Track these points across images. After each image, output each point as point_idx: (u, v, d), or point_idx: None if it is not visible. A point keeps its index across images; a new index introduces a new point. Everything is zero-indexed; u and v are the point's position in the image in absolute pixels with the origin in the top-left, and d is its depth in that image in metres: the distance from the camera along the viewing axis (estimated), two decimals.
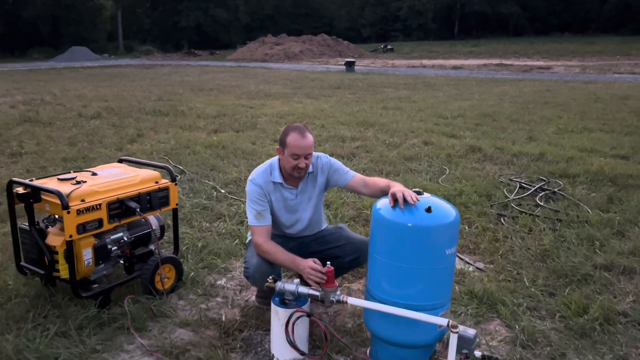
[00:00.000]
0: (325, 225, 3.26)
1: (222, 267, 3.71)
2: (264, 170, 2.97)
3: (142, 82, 18.99)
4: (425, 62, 32.21)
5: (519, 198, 5.46)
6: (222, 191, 5.56)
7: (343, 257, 3.02)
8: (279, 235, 3.09)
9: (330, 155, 3.12)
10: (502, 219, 4.84)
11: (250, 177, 2.97)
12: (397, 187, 2.55)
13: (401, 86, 18.00)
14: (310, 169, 2.98)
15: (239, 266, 3.77)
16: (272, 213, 2.98)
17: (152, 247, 3.37)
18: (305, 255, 3.03)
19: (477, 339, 2.59)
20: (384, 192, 2.72)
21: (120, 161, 3.64)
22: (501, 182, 6.06)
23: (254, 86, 17.82)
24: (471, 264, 3.88)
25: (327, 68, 27.90)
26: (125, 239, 3.16)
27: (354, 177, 2.98)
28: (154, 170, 3.45)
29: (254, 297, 3.31)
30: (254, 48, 40.81)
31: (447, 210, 2.50)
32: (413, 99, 14.28)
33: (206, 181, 5.94)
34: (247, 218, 3.00)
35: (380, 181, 2.84)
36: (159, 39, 56.14)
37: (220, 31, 59.57)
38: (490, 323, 3.08)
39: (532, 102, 13.41)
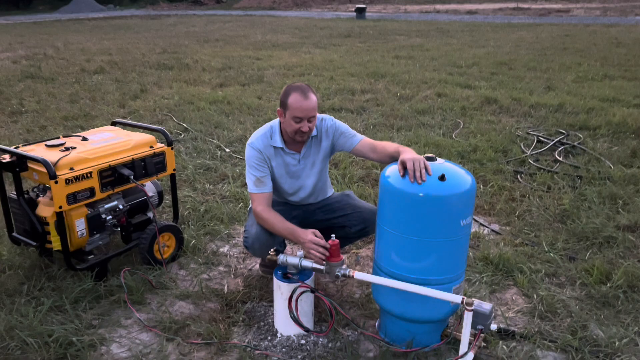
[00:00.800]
0: (331, 192, 3.08)
1: (225, 233, 3.56)
2: (264, 134, 2.76)
3: (147, 34, 18.55)
4: (439, 7, 31.15)
5: (536, 153, 5.21)
6: (227, 150, 5.37)
7: (349, 227, 2.85)
8: (282, 202, 2.92)
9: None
10: (519, 177, 4.62)
11: (249, 141, 2.76)
12: (408, 154, 2.33)
13: (414, 33, 17.42)
14: (314, 132, 2.77)
15: (243, 232, 3.62)
16: (273, 179, 2.80)
17: (150, 214, 3.21)
18: (309, 224, 2.88)
19: (493, 313, 2.44)
20: (393, 158, 2.51)
21: (114, 124, 3.44)
22: (518, 135, 5.80)
23: (261, 36, 17.34)
24: (486, 227, 3.70)
25: (337, 15, 27.11)
26: (121, 207, 3.00)
27: (361, 141, 2.75)
28: (149, 133, 3.26)
29: (257, 266, 3.18)
30: None
31: (462, 177, 2.29)
32: (426, 47, 13.82)
33: (210, 139, 5.75)
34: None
35: (389, 146, 2.62)
36: None
37: None
38: (507, 292, 2.92)
39: (550, 49, 12.87)
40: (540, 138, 5.66)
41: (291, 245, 3.41)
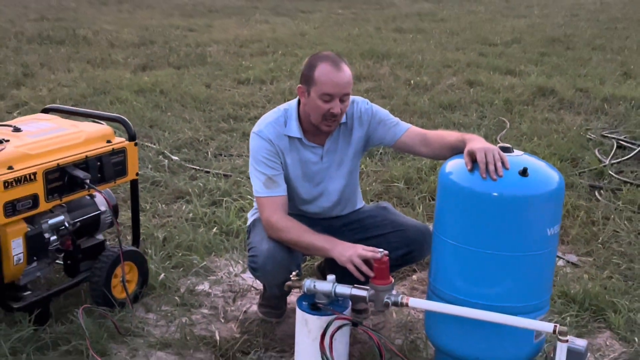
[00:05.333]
0: (362, 203, 3.52)
1: (200, 267, 3.97)
2: (276, 120, 3.22)
3: None
4: None
5: (618, 162, 5.82)
6: (175, 158, 5.79)
7: (390, 251, 3.04)
8: (294, 214, 3.32)
9: None
10: (597, 193, 5.19)
11: (255, 129, 3.23)
12: (476, 143, 2.78)
13: None
14: (344, 119, 3.23)
15: (225, 264, 4.05)
16: (286, 182, 3.24)
17: (101, 236, 3.59)
18: None
19: (589, 354, 2.90)
20: (455, 151, 2.98)
21: (46, 111, 3.81)
22: (590, 139, 6.45)
23: None
24: (560, 257, 4.21)
25: None
26: (67, 224, 3.36)
27: (408, 130, 3.22)
28: (101, 123, 3.64)
29: (255, 307, 3.59)
30: None
31: (547, 173, 2.79)
32: (440, 17, 14.68)
33: (147, 144, 6.15)
34: (250, 190, 3.22)
35: (448, 135, 3.09)
36: None
37: None
38: (598, 335, 3.42)
39: (622, 20, 13.80)
40: (621, 142, 6.29)
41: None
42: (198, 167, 5.63)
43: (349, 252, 2.93)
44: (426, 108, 7.42)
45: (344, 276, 2.95)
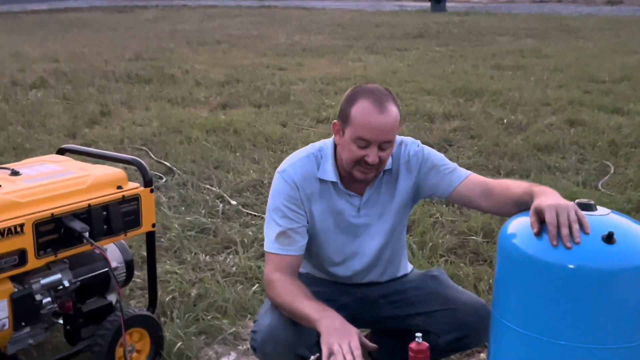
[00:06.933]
0: (408, 268, 2.96)
1: (229, 333, 3.49)
2: (307, 158, 2.71)
3: (113, 34, 19.31)
4: None
5: None
6: (233, 202, 5.40)
7: (437, 334, 2.69)
8: (322, 279, 2.86)
9: None
10: None
11: (280, 168, 2.72)
12: (546, 198, 2.20)
13: (523, 32, 17.86)
14: (389, 164, 2.68)
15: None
16: (312, 235, 2.72)
17: (111, 298, 3.18)
18: (368, 323, 2.85)
19: None
20: (520, 206, 2.38)
21: (61, 152, 3.45)
22: None
23: (286, 37, 17.89)
24: None
25: (402, 6, 28.00)
26: (66, 284, 2.96)
27: (467, 179, 2.66)
28: (116, 167, 3.26)
29: None
30: None
31: None
32: (544, 53, 14.14)
33: (207, 186, 5.83)
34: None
35: (514, 186, 2.50)
36: None
37: None
38: None
39: None
40: None
41: None
42: (255, 213, 5.20)
43: (332, 337, 2.28)
44: (518, 149, 6.81)
45: (394, 353, 2.56)
